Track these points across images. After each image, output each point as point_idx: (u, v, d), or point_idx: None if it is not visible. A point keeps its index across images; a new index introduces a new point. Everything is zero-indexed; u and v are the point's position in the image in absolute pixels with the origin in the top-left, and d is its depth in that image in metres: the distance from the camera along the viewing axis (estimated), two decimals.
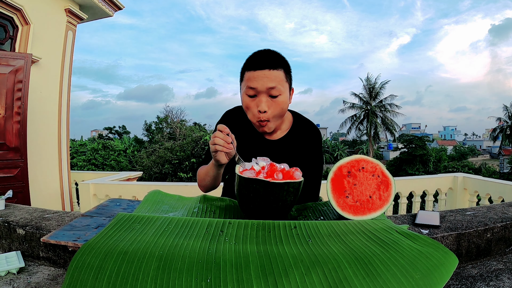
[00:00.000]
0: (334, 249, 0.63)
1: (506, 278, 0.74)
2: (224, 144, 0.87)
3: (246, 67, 0.97)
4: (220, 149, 0.87)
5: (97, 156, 19.39)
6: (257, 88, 0.95)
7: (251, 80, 0.95)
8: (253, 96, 0.97)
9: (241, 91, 1.01)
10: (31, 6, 3.89)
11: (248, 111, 1.00)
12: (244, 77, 0.98)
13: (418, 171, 21.59)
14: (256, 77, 0.94)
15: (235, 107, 1.17)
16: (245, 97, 0.99)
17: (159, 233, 0.69)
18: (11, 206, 1.17)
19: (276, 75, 0.94)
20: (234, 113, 1.14)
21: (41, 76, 4.12)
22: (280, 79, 0.95)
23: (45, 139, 4.34)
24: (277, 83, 0.94)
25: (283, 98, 0.97)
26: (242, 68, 1.00)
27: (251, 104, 0.98)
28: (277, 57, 0.97)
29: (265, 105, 0.96)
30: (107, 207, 0.99)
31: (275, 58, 0.96)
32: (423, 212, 0.95)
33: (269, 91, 0.95)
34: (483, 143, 58.98)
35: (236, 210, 0.91)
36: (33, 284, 0.76)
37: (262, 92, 0.95)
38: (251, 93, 0.96)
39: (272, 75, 0.94)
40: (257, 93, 0.96)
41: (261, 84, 0.94)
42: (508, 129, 28.94)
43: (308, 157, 1.10)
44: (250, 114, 1.00)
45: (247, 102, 0.99)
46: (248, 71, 0.96)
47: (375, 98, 26.48)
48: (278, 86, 0.95)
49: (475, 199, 3.43)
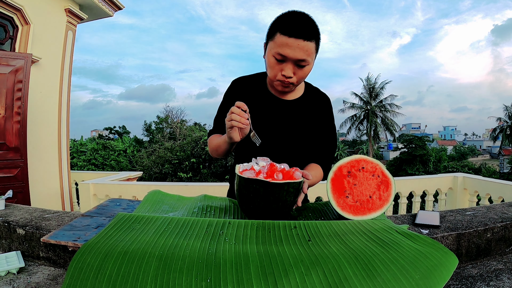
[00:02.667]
0: (334, 249, 0.63)
1: (506, 278, 0.74)
2: (241, 120, 0.87)
3: (280, 28, 0.91)
4: (236, 124, 0.87)
5: (97, 156, 19.39)
6: (287, 56, 0.91)
7: (283, 46, 0.91)
8: (280, 61, 0.94)
9: (268, 48, 0.97)
10: (31, 6, 3.89)
11: (271, 71, 0.98)
12: (275, 38, 0.93)
13: (418, 171, 21.59)
14: (290, 45, 0.90)
15: (242, 76, 1.16)
16: (271, 58, 0.95)
17: (159, 233, 0.69)
18: (11, 206, 1.17)
19: (309, 47, 0.91)
20: (243, 81, 1.13)
21: (41, 76, 4.12)
22: (312, 52, 0.93)
23: (45, 139, 4.34)
24: (307, 56, 0.92)
25: (309, 68, 0.96)
26: (273, 25, 0.95)
27: (276, 66, 0.96)
28: (313, 26, 0.92)
29: (290, 72, 0.94)
30: (107, 207, 0.99)
31: (312, 28, 0.91)
32: (423, 212, 0.95)
33: (298, 62, 0.93)
34: (483, 143, 58.98)
35: (236, 210, 0.91)
36: (33, 284, 0.76)
37: (290, 60, 0.93)
38: (279, 58, 0.93)
39: (305, 47, 0.90)
40: (285, 60, 0.93)
41: (293, 54, 0.91)
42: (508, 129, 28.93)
43: (322, 121, 1.12)
44: (272, 73, 0.98)
45: (272, 64, 0.96)
46: (282, 35, 0.90)
47: (375, 98, 26.49)
48: (308, 58, 0.92)
49: (475, 199, 3.43)
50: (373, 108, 26.07)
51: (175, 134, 20.98)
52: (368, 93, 26.60)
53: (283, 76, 0.95)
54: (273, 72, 0.97)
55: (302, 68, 0.95)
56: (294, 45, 0.90)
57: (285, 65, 0.94)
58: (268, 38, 0.97)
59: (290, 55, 0.91)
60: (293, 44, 0.90)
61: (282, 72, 0.95)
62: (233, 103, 1.06)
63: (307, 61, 0.93)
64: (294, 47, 0.90)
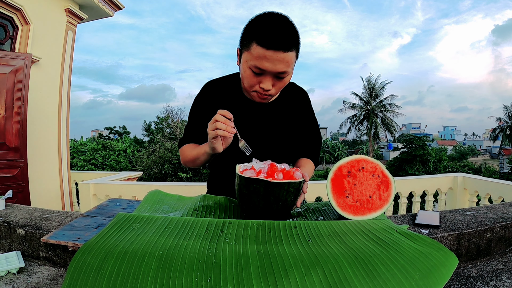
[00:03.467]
0: (334, 249, 0.63)
1: (506, 278, 0.74)
2: (227, 128, 0.80)
3: (256, 38, 0.82)
4: (222, 133, 0.80)
5: (97, 156, 19.40)
6: (266, 70, 0.84)
7: (261, 59, 0.83)
8: (258, 74, 0.87)
9: (243, 59, 0.88)
10: (31, 6, 3.89)
11: (247, 82, 0.91)
12: (250, 49, 0.84)
13: (418, 171, 21.59)
14: (268, 59, 0.82)
15: (214, 79, 1.09)
16: (247, 70, 0.88)
17: (159, 233, 0.69)
18: (11, 206, 1.17)
19: (289, 58, 0.84)
20: (216, 85, 1.06)
21: (41, 76, 4.12)
22: (292, 62, 0.86)
23: (45, 139, 4.34)
24: (288, 67, 0.85)
25: (288, 78, 0.91)
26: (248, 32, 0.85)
27: (253, 79, 0.89)
28: (293, 34, 0.84)
29: (269, 85, 0.88)
30: (107, 207, 0.99)
31: (291, 36, 0.83)
32: (423, 212, 0.95)
33: (278, 74, 0.86)
34: (483, 143, 58.99)
35: (236, 210, 0.91)
36: (33, 284, 0.76)
37: (269, 73, 0.86)
38: (257, 71, 0.86)
39: (286, 59, 0.83)
40: (263, 73, 0.86)
41: (272, 67, 0.84)
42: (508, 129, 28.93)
43: (302, 118, 1.10)
44: (248, 85, 0.91)
45: (248, 75, 0.88)
46: (259, 46, 0.82)
47: (375, 98, 26.49)
48: (288, 69, 0.86)
49: (475, 199, 3.43)
50: (373, 108, 26.07)
51: (175, 134, 20.98)
52: (368, 93, 26.61)
53: (261, 88, 0.89)
54: (249, 84, 0.90)
55: (281, 80, 0.89)
56: (273, 57, 0.82)
57: (263, 78, 0.87)
58: (243, 47, 0.88)
59: (269, 69, 0.84)
60: (272, 57, 0.82)
61: (260, 85, 0.89)
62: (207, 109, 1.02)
63: (287, 72, 0.87)
64: (273, 60, 0.82)
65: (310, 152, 1.13)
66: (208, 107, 1.04)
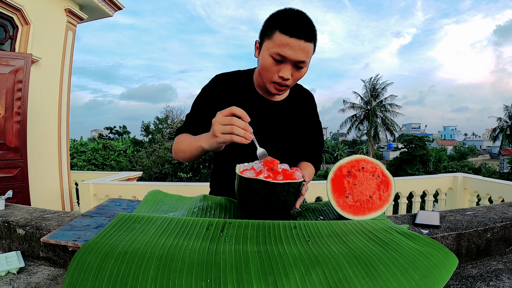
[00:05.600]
0: (334, 249, 0.63)
1: (506, 278, 0.74)
2: (246, 135, 0.75)
3: (280, 27, 0.86)
4: (239, 140, 0.74)
5: (97, 156, 19.40)
6: (287, 57, 0.87)
7: (284, 47, 0.86)
8: (278, 61, 0.89)
9: (264, 47, 0.91)
10: (31, 6, 3.89)
11: (267, 72, 0.92)
12: (273, 37, 0.87)
13: (418, 171, 21.59)
14: (290, 46, 0.85)
15: (225, 72, 1.09)
16: (268, 58, 0.90)
17: (159, 233, 0.69)
18: (11, 206, 1.17)
19: (309, 49, 0.88)
20: (227, 78, 1.06)
21: (41, 76, 4.12)
22: (311, 53, 0.90)
23: (45, 139, 4.35)
24: (307, 57, 0.89)
25: (305, 70, 0.93)
26: (271, 23, 0.89)
27: (273, 67, 0.90)
28: (312, 27, 0.88)
29: (288, 74, 0.90)
30: (107, 207, 0.98)
31: (312, 29, 0.88)
32: (423, 212, 0.95)
33: (297, 63, 0.89)
34: (483, 143, 59.00)
35: (236, 210, 0.91)
36: (33, 284, 0.76)
37: (290, 61, 0.88)
38: (277, 58, 0.88)
39: (306, 48, 0.87)
40: (284, 61, 0.88)
41: (294, 55, 0.86)
42: (508, 129, 28.94)
43: (308, 120, 1.13)
44: (268, 75, 0.92)
45: (269, 65, 0.90)
46: (282, 34, 0.85)
47: (375, 98, 26.49)
48: (307, 60, 0.89)
49: (475, 199, 3.43)
50: (373, 108, 26.07)
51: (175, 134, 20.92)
52: (369, 93, 26.62)
53: (280, 78, 0.91)
54: (269, 73, 0.92)
55: (299, 70, 0.91)
56: (296, 45, 0.85)
57: (283, 66, 0.89)
58: (265, 36, 0.91)
59: (291, 56, 0.87)
60: (295, 45, 0.85)
61: (279, 74, 0.90)
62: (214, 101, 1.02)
63: (305, 63, 0.90)
64: (295, 48, 0.86)
65: (312, 156, 1.15)
66: (216, 99, 1.03)
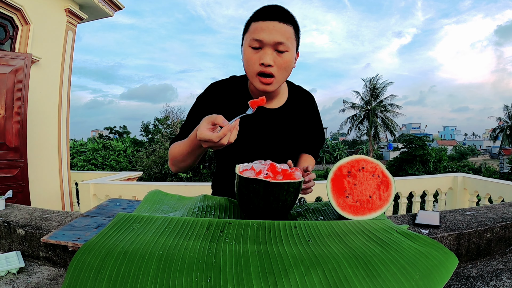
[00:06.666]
0: (334, 249, 0.63)
1: (506, 278, 0.74)
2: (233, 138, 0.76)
3: (253, 18, 0.88)
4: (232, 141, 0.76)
5: (97, 156, 19.40)
6: (263, 40, 0.85)
7: (258, 31, 0.85)
8: (257, 49, 0.87)
9: (243, 44, 0.91)
10: (31, 6, 3.89)
11: (249, 65, 0.89)
12: (249, 29, 0.88)
13: (418, 171, 21.59)
14: (264, 28, 0.85)
15: (222, 79, 1.07)
16: (247, 49, 0.88)
17: (159, 233, 0.69)
18: (11, 206, 1.17)
19: (285, 30, 0.86)
20: (223, 86, 1.03)
21: (41, 76, 4.12)
22: (289, 35, 0.87)
23: (45, 139, 4.35)
24: (285, 39, 0.86)
25: (289, 56, 0.89)
26: (247, 21, 0.90)
27: (253, 56, 0.88)
28: (287, 11, 0.88)
29: (270, 58, 0.86)
30: (107, 207, 0.99)
31: (286, 12, 0.88)
32: (423, 212, 0.95)
33: (276, 46, 0.86)
34: (483, 143, 59.01)
35: (236, 210, 0.91)
36: (33, 284, 0.76)
37: (268, 45, 0.86)
38: (255, 45, 0.86)
39: (282, 29, 0.85)
40: (262, 46, 0.86)
41: (268, 36, 0.85)
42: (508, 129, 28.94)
43: (309, 123, 1.11)
44: (251, 68, 0.89)
45: (248, 55, 0.88)
46: (255, 22, 0.86)
47: (376, 98, 26.50)
48: (287, 42, 0.86)
49: (475, 199, 3.43)
50: (373, 108, 26.08)
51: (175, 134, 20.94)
52: (369, 93, 26.62)
53: (262, 65, 0.87)
54: (251, 64, 0.88)
55: (281, 55, 0.87)
56: (270, 27, 0.84)
57: (263, 53, 0.87)
58: (243, 35, 0.92)
59: (266, 39, 0.85)
60: (268, 27, 0.85)
61: (260, 61, 0.87)
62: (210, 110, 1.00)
63: (285, 45, 0.86)
64: (269, 29, 0.85)
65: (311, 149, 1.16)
66: (211, 108, 1.02)
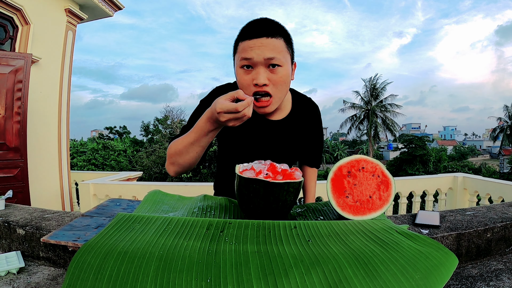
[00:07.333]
0: (334, 249, 0.63)
1: (506, 278, 0.74)
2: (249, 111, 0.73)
3: (240, 37, 0.83)
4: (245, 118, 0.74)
5: (97, 156, 19.41)
6: (253, 59, 0.81)
7: (246, 50, 0.81)
8: (248, 67, 0.83)
9: (235, 65, 0.87)
10: (31, 6, 3.89)
11: (243, 87, 0.85)
12: (238, 49, 0.84)
13: (418, 171, 21.59)
14: (252, 46, 0.80)
15: (227, 83, 1.01)
16: (239, 70, 0.84)
17: (159, 233, 0.69)
18: (11, 206, 1.17)
19: (275, 44, 0.81)
20: (227, 89, 0.97)
21: (41, 76, 4.12)
22: (280, 49, 0.82)
23: (45, 139, 4.35)
24: (276, 53, 0.81)
25: (284, 70, 0.84)
26: (235, 40, 0.86)
27: (245, 77, 0.83)
28: (275, 24, 0.83)
29: (263, 77, 0.81)
30: (107, 207, 0.98)
31: (273, 25, 0.82)
32: (423, 212, 0.95)
33: (268, 62, 0.81)
34: (483, 143, 59.00)
35: (236, 210, 0.91)
36: (33, 284, 0.76)
37: (259, 63, 0.81)
38: (246, 64, 0.82)
39: (271, 44, 0.80)
40: (253, 65, 0.82)
41: (258, 54, 0.80)
42: (508, 129, 28.94)
43: (312, 134, 1.09)
44: (245, 90, 0.85)
45: (241, 76, 0.84)
46: (243, 41, 0.82)
47: (376, 98, 26.50)
48: (278, 56, 0.81)
49: (475, 199, 3.43)
50: (373, 108, 26.07)
51: (175, 134, 20.94)
52: (369, 93, 26.62)
53: (256, 86, 0.82)
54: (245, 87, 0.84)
55: (275, 70, 0.82)
56: (257, 44, 0.80)
57: (255, 72, 0.82)
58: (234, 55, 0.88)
59: (256, 57, 0.80)
60: (255, 44, 0.80)
61: (254, 81, 0.82)
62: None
63: (278, 60, 0.82)
64: (257, 46, 0.80)
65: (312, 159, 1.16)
66: None
